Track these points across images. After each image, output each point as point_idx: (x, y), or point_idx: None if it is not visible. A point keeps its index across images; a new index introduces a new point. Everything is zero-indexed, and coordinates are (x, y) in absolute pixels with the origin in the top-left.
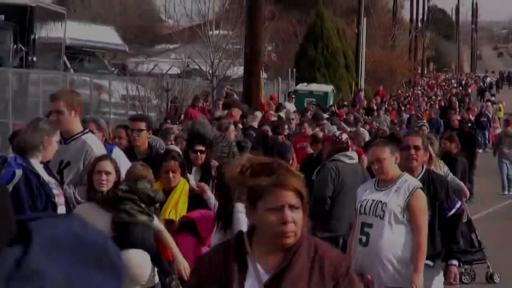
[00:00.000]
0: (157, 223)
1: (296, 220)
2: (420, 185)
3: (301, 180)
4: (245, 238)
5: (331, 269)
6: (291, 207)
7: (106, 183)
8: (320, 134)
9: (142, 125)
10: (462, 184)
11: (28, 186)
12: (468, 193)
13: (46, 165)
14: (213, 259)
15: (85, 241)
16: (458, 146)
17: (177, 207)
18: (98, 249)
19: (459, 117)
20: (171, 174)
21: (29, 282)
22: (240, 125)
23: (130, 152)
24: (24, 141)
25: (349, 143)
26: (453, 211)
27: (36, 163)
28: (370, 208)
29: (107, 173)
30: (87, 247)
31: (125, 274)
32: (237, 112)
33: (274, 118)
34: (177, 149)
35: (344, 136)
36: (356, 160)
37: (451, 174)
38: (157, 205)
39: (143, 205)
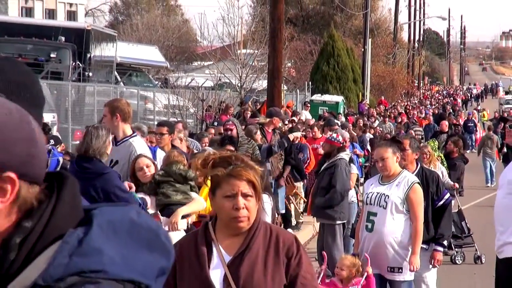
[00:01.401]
0: (195, 195)
1: (248, 206)
2: (417, 180)
3: (256, 172)
4: (210, 226)
5: (284, 248)
6: (244, 195)
7: (148, 174)
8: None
9: (164, 130)
10: (451, 182)
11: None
12: (457, 186)
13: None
14: (184, 245)
15: (139, 226)
16: (460, 151)
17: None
18: (151, 233)
19: (447, 123)
20: None
21: (88, 258)
22: (277, 131)
23: None
24: (92, 148)
25: (346, 143)
26: (442, 201)
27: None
28: (375, 199)
29: (147, 166)
30: (141, 231)
31: (174, 255)
32: (277, 121)
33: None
34: (211, 150)
35: (340, 137)
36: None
37: (447, 176)
38: (192, 182)
39: (177, 185)
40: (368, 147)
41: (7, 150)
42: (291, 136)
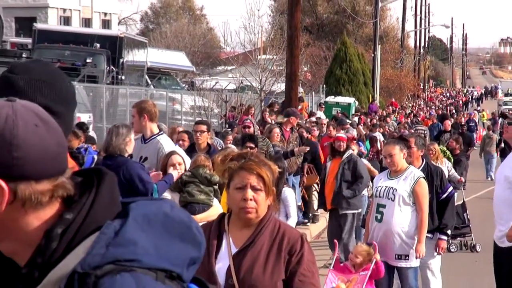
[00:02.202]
0: (216, 202)
1: (257, 199)
2: (423, 175)
3: (269, 169)
4: (225, 218)
5: (288, 246)
6: (253, 187)
7: (179, 172)
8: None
9: (204, 127)
10: (458, 176)
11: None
12: (463, 180)
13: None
14: None
15: (173, 219)
16: (461, 147)
17: None
18: (183, 225)
19: (449, 122)
20: None
21: (124, 248)
22: (295, 129)
23: (192, 150)
24: (112, 146)
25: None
26: (445, 194)
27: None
28: (384, 192)
29: (179, 163)
30: (174, 224)
31: (205, 246)
32: (294, 120)
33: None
34: (234, 147)
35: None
36: None
37: (453, 170)
38: (216, 186)
39: (202, 186)
40: (378, 145)
41: None
42: (296, 150)
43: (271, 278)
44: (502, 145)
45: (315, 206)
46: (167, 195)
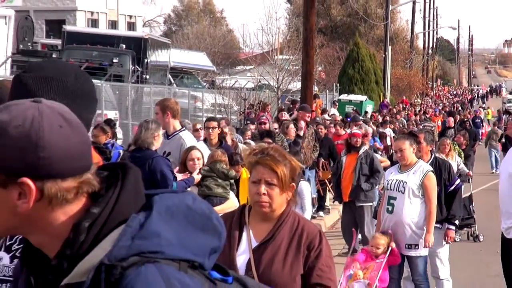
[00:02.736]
0: (232, 195)
1: (271, 194)
2: (431, 168)
3: (284, 164)
4: (246, 210)
5: (307, 241)
6: (267, 182)
7: (198, 166)
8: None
9: (215, 124)
10: (467, 169)
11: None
12: (471, 174)
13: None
14: None
15: (194, 210)
16: (467, 142)
17: None
18: (204, 217)
19: (452, 119)
20: None
21: (148, 240)
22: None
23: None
24: (141, 139)
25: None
26: (453, 187)
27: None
28: (394, 185)
29: (198, 158)
30: (195, 215)
31: (225, 236)
32: (303, 114)
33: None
34: (253, 143)
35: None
36: None
37: (462, 164)
38: (232, 181)
39: (219, 180)
40: (388, 141)
41: (17, 159)
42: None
43: (290, 272)
44: (503, 140)
45: (328, 200)
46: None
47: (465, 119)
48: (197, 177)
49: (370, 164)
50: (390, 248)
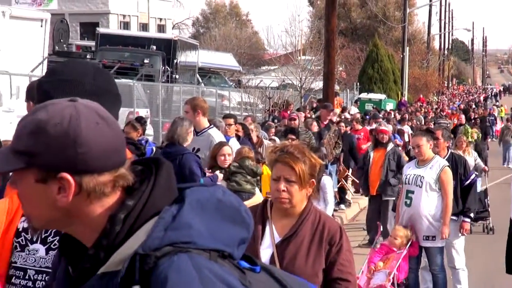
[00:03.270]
0: (257, 191)
1: (290, 190)
2: (447, 163)
3: (303, 161)
4: (268, 205)
5: (328, 236)
6: (286, 179)
7: (228, 162)
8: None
9: (231, 121)
10: (483, 165)
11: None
12: (487, 169)
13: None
14: None
15: (224, 203)
16: (479, 135)
17: None
18: (233, 209)
19: (463, 116)
20: None
21: (180, 231)
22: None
23: None
24: (177, 134)
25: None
26: (468, 181)
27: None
28: (412, 180)
29: (228, 154)
30: (225, 208)
31: (253, 228)
32: (324, 112)
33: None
34: (277, 139)
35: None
36: None
37: (478, 159)
38: (258, 177)
39: (248, 177)
40: (406, 137)
41: (56, 155)
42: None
43: (312, 267)
44: None
45: (350, 194)
46: (218, 182)
47: (477, 117)
48: (220, 175)
49: (398, 161)
50: (411, 241)
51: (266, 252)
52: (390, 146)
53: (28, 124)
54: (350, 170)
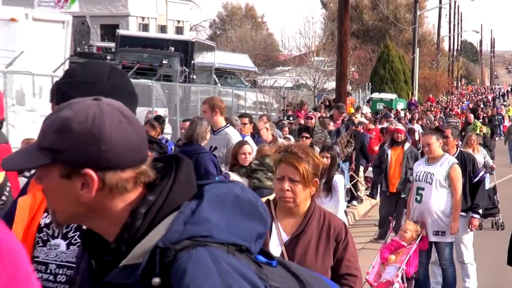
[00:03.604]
0: None
1: (294, 189)
2: (457, 161)
3: (306, 161)
4: (272, 205)
5: (334, 233)
6: (290, 179)
7: (248, 160)
8: (391, 127)
9: (246, 120)
10: (492, 162)
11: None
12: (495, 166)
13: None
14: None
15: (242, 199)
16: (488, 130)
17: None
18: (251, 205)
19: (472, 116)
20: None
21: (199, 225)
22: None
23: None
24: (196, 133)
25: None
26: (477, 178)
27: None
28: (422, 177)
29: (249, 153)
30: (243, 203)
31: (270, 223)
32: (337, 113)
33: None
34: (292, 137)
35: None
36: None
37: (488, 157)
38: None
39: (269, 174)
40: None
41: (80, 152)
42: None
43: (322, 264)
44: None
45: (362, 190)
46: (238, 179)
47: (485, 116)
48: (233, 176)
49: (415, 159)
50: (421, 236)
51: (275, 251)
52: (407, 145)
53: (54, 122)
54: (361, 168)
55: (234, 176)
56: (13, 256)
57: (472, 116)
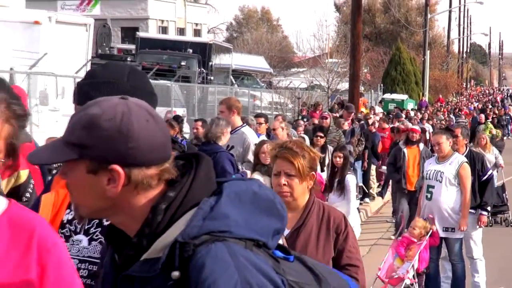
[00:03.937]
0: None
1: (290, 184)
2: (466, 160)
3: (302, 156)
4: None
5: (334, 225)
6: (286, 174)
7: (269, 159)
8: (401, 126)
9: (262, 120)
10: (501, 161)
11: None
12: (503, 165)
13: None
14: None
15: (260, 196)
16: (499, 133)
17: None
18: (269, 201)
19: (483, 116)
20: None
21: (218, 221)
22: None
23: None
24: (211, 132)
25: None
26: (486, 176)
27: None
28: (433, 175)
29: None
30: (261, 200)
31: (287, 220)
32: (346, 113)
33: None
34: (306, 137)
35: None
36: None
37: (500, 156)
38: None
39: None
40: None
41: (108, 148)
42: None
43: (323, 256)
44: None
45: (374, 188)
46: (259, 177)
47: (494, 116)
48: (255, 174)
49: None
50: (431, 231)
51: None
52: (422, 145)
53: (81, 118)
54: (373, 166)
55: (256, 175)
56: (58, 250)
57: (483, 116)
